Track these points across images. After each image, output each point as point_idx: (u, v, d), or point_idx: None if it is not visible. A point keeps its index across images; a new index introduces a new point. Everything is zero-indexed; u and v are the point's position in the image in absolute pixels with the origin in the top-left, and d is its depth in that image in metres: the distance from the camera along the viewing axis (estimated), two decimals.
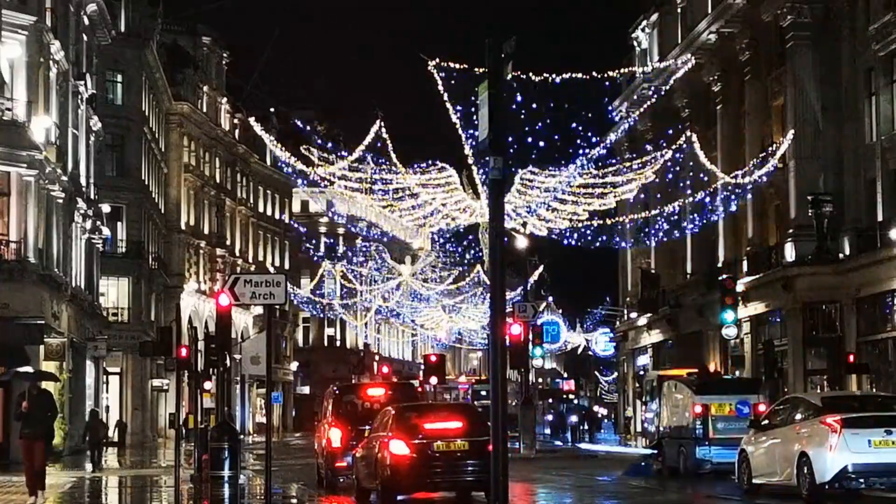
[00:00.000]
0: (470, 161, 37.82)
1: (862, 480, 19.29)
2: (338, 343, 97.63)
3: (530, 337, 41.92)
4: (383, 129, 38.36)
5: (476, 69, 27.89)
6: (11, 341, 36.06)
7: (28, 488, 20.73)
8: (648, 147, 40.34)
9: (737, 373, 45.32)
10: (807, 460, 19.47)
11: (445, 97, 34.03)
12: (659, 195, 46.08)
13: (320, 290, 73.55)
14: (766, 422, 21.96)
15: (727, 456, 25.67)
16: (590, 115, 35.79)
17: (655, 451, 31.37)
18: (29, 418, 20.33)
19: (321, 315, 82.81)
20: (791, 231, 40.39)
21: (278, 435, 73.36)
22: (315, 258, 72.35)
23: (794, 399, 22.64)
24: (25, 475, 21.06)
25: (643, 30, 58.36)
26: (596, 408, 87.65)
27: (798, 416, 20.74)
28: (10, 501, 22.16)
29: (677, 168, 43.18)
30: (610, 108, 53.58)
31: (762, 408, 26.82)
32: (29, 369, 34.01)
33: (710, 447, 27.32)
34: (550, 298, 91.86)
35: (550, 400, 75.53)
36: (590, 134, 37.54)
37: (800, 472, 19.68)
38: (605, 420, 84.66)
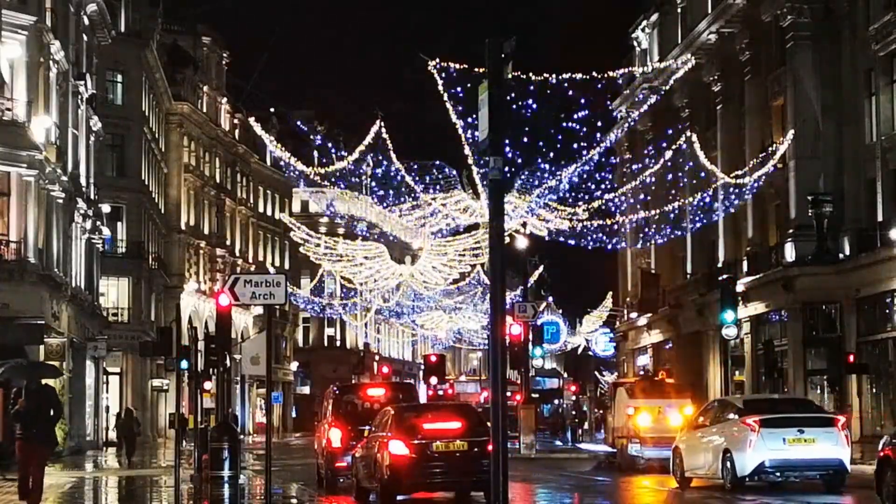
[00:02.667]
0: (470, 161, 37.78)
1: (778, 474, 21.71)
2: (338, 343, 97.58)
3: (530, 337, 41.92)
4: (383, 129, 38.34)
5: (476, 69, 27.90)
6: (11, 341, 36.05)
7: (20, 495, 18.07)
8: (648, 147, 40.33)
9: (736, 373, 45.46)
10: (730, 456, 21.67)
11: (445, 97, 33.98)
12: (660, 196, 46.04)
13: (320, 290, 73.48)
14: (700, 420, 24.05)
15: (657, 453, 28.74)
16: (590, 115, 35.71)
17: (615, 450, 33.67)
18: (27, 419, 17.62)
19: (321, 315, 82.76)
20: (791, 231, 40.38)
21: (278, 435, 73.36)
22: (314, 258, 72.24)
23: (721, 401, 24.90)
24: (19, 483, 18.20)
25: (643, 30, 58.36)
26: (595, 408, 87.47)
27: (723, 417, 22.97)
28: (11, 502, 22.11)
29: (677, 168, 43.15)
30: (610, 107, 53.55)
31: (689, 410, 29.78)
32: (23, 361, 33.55)
33: (640, 446, 30.25)
34: (550, 298, 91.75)
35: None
36: (589, 133, 37.49)
37: (724, 466, 21.89)
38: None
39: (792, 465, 21.55)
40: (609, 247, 45.81)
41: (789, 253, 40.01)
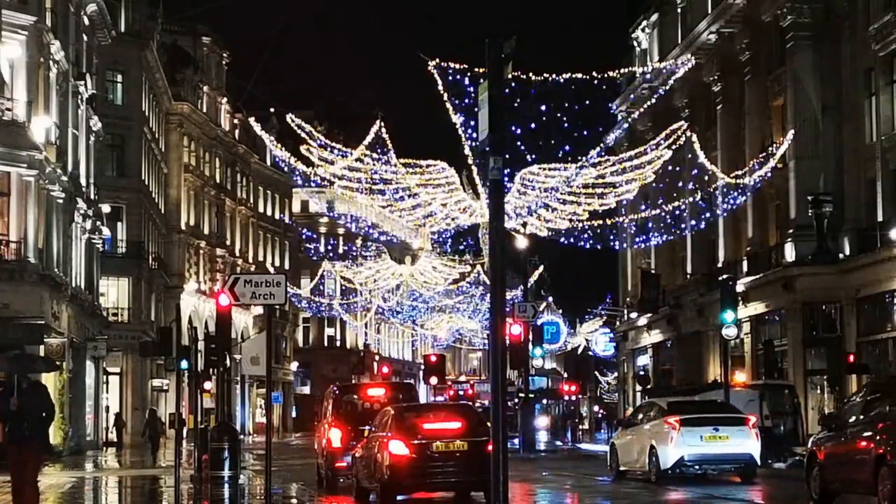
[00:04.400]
0: (470, 161, 37.77)
1: (697, 467, 24.59)
2: (338, 343, 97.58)
3: (530, 337, 41.90)
4: (383, 130, 38.32)
5: (476, 69, 27.87)
6: (11, 341, 36.04)
7: None
8: (648, 147, 40.26)
9: (736, 373, 45.47)
10: (654, 451, 24.44)
11: (445, 97, 33.95)
12: (660, 196, 45.99)
13: (320, 289, 73.48)
14: (638, 418, 26.78)
15: None
16: (590, 115, 35.68)
17: None
18: (18, 419, 15.95)
19: (321, 315, 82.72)
20: (791, 231, 40.37)
21: (278, 435, 73.35)
22: (315, 258, 72.33)
23: (650, 403, 27.40)
24: (12, 490, 16.45)
25: (643, 30, 58.35)
26: (595, 408, 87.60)
27: (652, 417, 25.67)
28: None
29: (677, 168, 43.11)
30: (611, 107, 53.51)
31: None
32: (17, 353, 32.88)
33: None
34: (550, 298, 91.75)
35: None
36: (590, 134, 37.45)
37: (650, 460, 24.68)
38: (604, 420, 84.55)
39: (708, 460, 24.45)
40: (609, 247, 45.77)
41: (789, 253, 40.01)
